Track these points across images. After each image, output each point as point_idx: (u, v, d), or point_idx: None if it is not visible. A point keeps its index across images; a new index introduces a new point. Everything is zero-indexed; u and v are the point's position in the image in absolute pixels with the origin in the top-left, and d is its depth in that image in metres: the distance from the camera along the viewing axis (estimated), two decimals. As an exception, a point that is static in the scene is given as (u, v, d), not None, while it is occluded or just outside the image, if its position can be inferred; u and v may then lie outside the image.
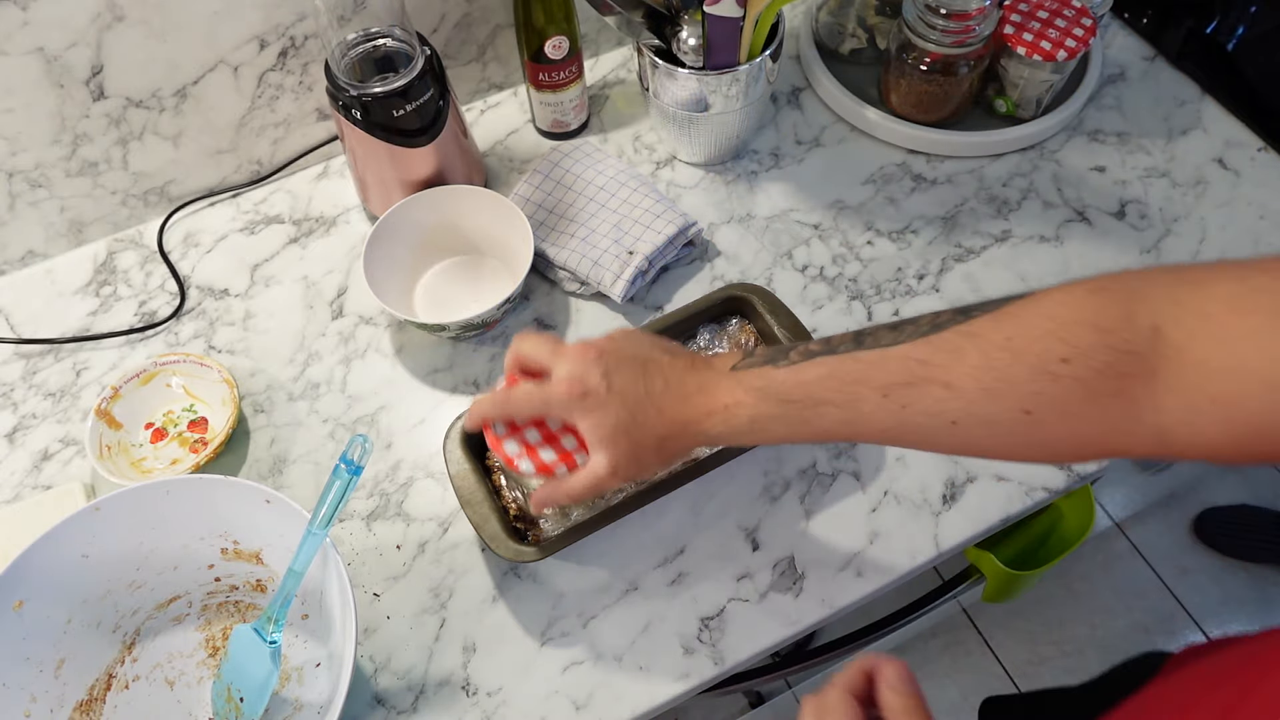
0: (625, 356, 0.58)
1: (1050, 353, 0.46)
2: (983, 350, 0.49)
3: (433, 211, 0.85)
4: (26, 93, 0.80)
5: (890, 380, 0.51)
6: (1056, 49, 0.89)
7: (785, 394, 0.54)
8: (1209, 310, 0.43)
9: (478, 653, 0.70)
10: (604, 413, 0.56)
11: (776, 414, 0.55)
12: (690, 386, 0.57)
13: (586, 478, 0.58)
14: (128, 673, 0.69)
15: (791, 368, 0.55)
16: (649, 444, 0.57)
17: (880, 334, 0.53)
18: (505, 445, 0.61)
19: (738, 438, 0.57)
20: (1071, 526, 0.92)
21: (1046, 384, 0.47)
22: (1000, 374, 0.48)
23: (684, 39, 0.85)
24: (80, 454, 0.81)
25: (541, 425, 0.61)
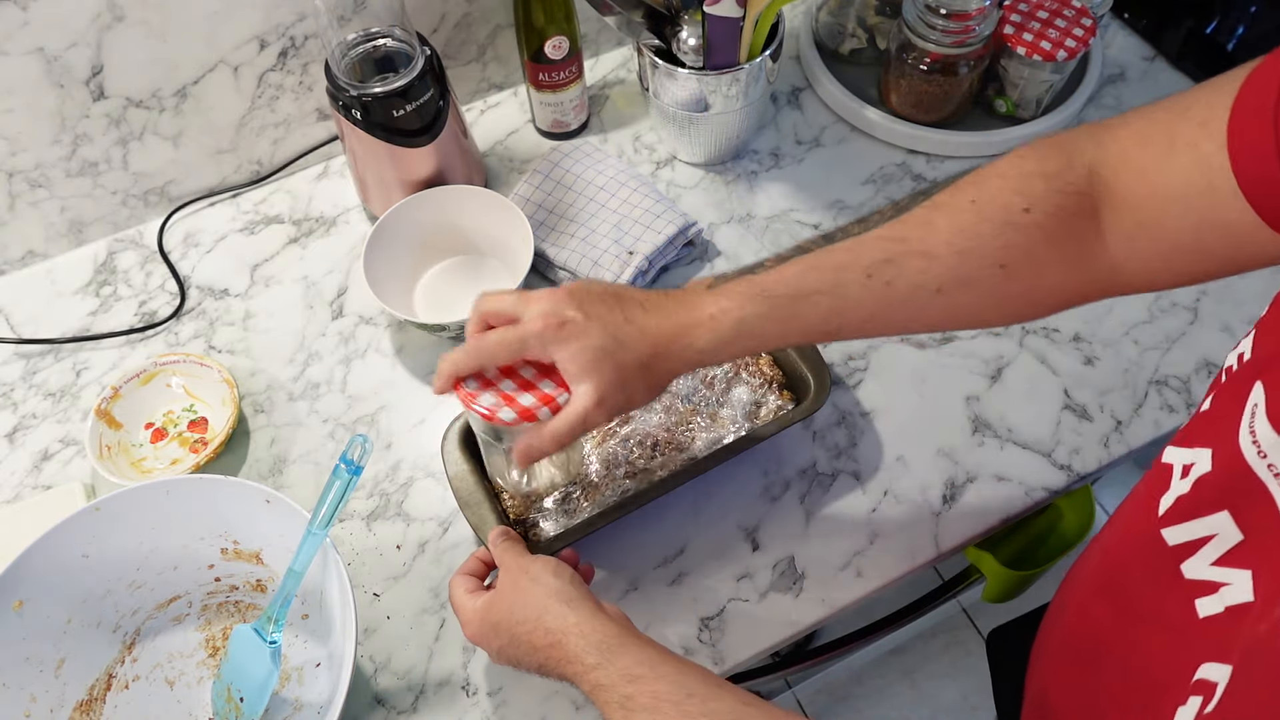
0: (595, 291, 0.56)
1: (1011, 205, 0.51)
2: (951, 216, 0.53)
3: (433, 211, 0.85)
4: (26, 93, 0.80)
5: (871, 260, 0.53)
6: (1056, 49, 0.89)
7: (771, 290, 0.54)
8: (1125, 147, 0.49)
9: (478, 653, 0.70)
10: (584, 340, 0.54)
11: (764, 312, 0.54)
12: (670, 305, 0.56)
13: (571, 414, 0.55)
14: (128, 673, 0.69)
15: (770, 270, 0.55)
16: (634, 367, 0.55)
17: (849, 229, 0.57)
18: (480, 399, 0.56)
19: (725, 347, 0.55)
20: (1071, 526, 0.91)
21: (1013, 235, 0.51)
22: (971, 233, 0.52)
23: (684, 39, 0.85)
24: (80, 454, 0.81)
25: (514, 374, 0.57)
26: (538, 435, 0.56)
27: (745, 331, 0.54)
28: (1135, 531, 0.49)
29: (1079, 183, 0.50)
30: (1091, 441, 0.78)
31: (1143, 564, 0.48)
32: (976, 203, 0.52)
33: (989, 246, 0.51)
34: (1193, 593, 0.43)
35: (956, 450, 0.77)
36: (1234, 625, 0.40)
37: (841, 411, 0.80)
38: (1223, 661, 0.40)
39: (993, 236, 0.51)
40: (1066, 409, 0.79)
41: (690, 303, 0.55)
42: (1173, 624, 0.45)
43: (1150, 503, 0.47)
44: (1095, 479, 0.79)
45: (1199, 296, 0.85)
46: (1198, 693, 0.41)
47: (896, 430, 0.79)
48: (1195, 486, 0.44)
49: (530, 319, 0.55)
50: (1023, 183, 0.51)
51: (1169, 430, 0.78)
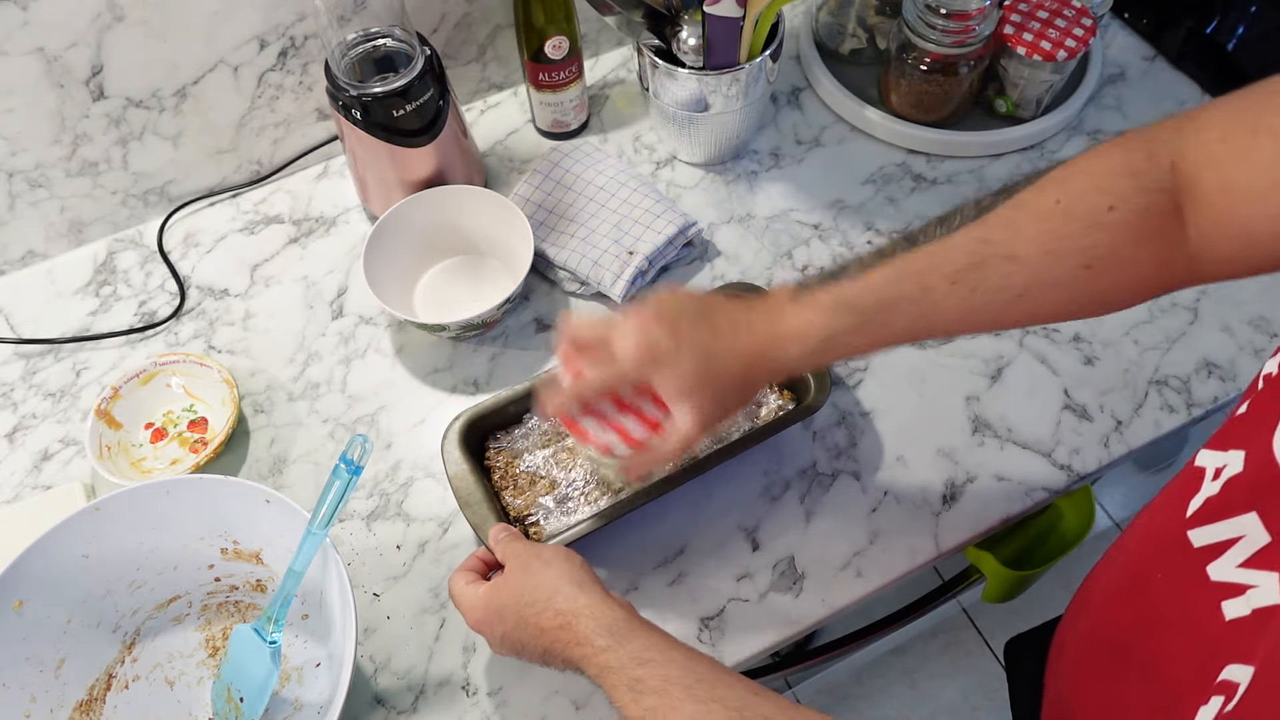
0: (682, 310, 0.57)
1: (1098, 205, 0.50)
2: (1036, 217, 0.52)
3: (433, 211, 0.85)
4: (26, 93, 0.80)
5: (956, 265, 0.53)
6: (1056, 49, 0.89)
7: (855, 303, 0.54)
8: (1206, 140, 0.48)
9: (478, 653, 0.70)
10: (679, 367, 0.55)
11: (851, 324, 0.55)
12: (756, 320, 0.57)
13: (678, 438, 0.57)
14: (128, 673, 0.69)
15: (856, 280, 0.55)
16: (729, 386, 0.57)
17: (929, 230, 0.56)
18: (595, 436, 0.61)
19: (813, 359, 0.56)
20: (1071, 526, 0.91)
21: (1099, 235, 0.50)
22: (1057, 235, 0.51)
23: (684, 39, 0.85)
24: (80, 454, 0.81)
25: (615, 397, 0.61)
26: (648, 456, 0.59)
27: (833, 344, 0.55)
28: (1161, 534, 0.48)
29: (1162, 179, 0.50)
30: (1091, 441, 0.78)
31: (1167, 566, 0.47)
32: (1061, 203, 0.52)
33: (1075, 248, 0.51)
34: (1219, 595, 0.42)
35: (956, 450, 0.77)
36: (1260, 627, 0.40)
37: (841, 411, 0.80)
38: (1247, 663, 0.40)
39: (1079, 238, 0.51)
40: (1066, 409, 0.79)
41: (776, 316, 0.56)
42: (1198, 626, 0.44)
43: (1179, 504, 0.47)
44: (1095, 479, 0.79)
45: (1199, 296, 0.85)
46: (1220, 693, 0.41)
47: (896, 430, 0.79)
48: (1225, 488, 0.44)
49: (624, 351, 0.56)
50: (1108, 181, 0.51)
51: (1169, 430, 0.78)
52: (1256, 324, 0.83)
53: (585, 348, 0.60)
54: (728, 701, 0.48)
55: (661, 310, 0.57)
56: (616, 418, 0.61)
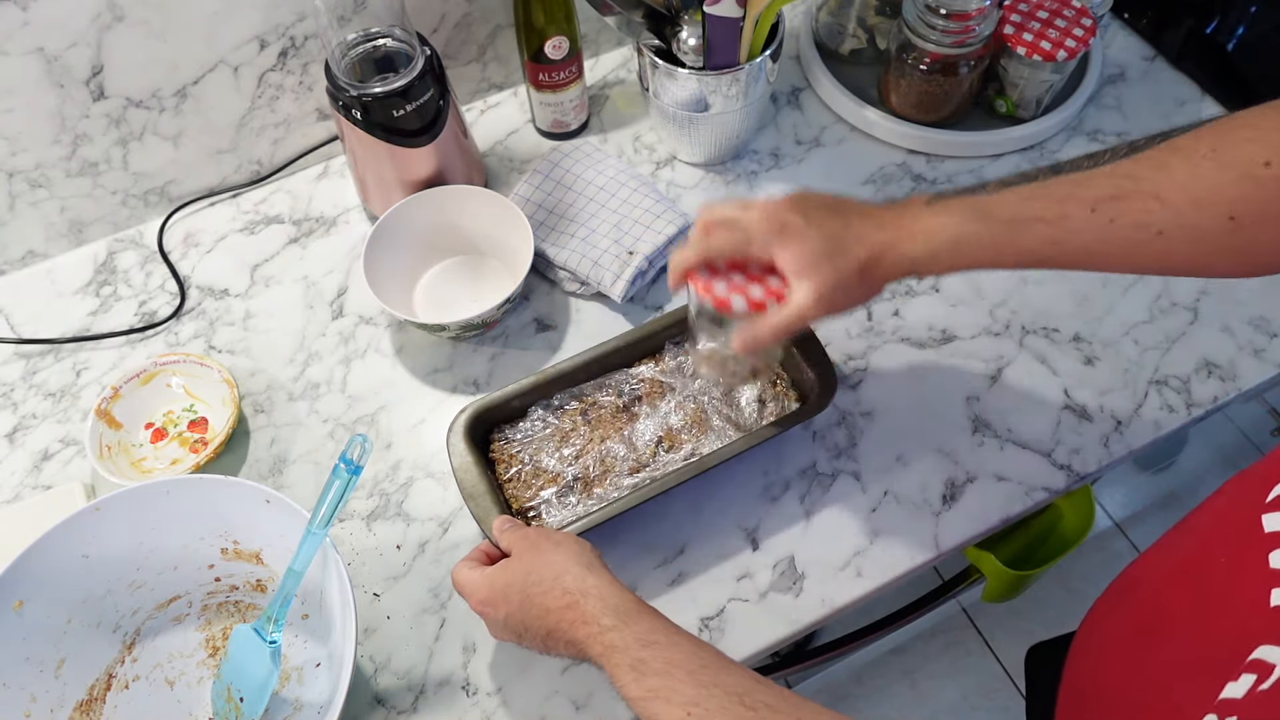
0: (815, 200, 0.59)
1: (1254, 157, 0.49)
2: (1189, 162, 0.51)
3: (433, 211, 0.85)
4: (26, 93, 0.80)
5: (1098, 195, 0.53)
6: (1056, 49, 0.89)
7: (992, 211, 0.55)
8: None
9: (478, 653, 0.70)
10: (804, 242, 0.56)
11: (982, 231, 0.55)
12: (888, 216, 0.58)
13: (791, 309, 0.57)
14: (128, 673, 0.69)
15: (994, 193, 0.55)
16: (851, 269, 0.57)
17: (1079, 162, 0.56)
18: (715, 286, 0.60)
19: (939, 258, 0.56)
20: (1071, 526, 0.92)
21: (1250, 188, 0.49)
22: (1208, 182, 0.50)
23: (684, 39, 0.85)
24: (80, 454, 0.81)
25: (742, 268, 0.61)
26: (761, 324, 0.59)
27: (961, 247, 0.55)
28: (1235, 517, 0.48)
29: None
30: (1091, 441, 0.78)
31: (1234, 549, 0.47)
32: (1216, 151, 0.51)
33: (1223, 197, 0.50)
34: (1272, 582, 0.42)
35: (956, 450, 0.77)
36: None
37: (841, 411, 0.80)
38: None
39: (1228, 187, 0.50)
40: (1066, 409, 0.79)
41: (910, 215, 0.57)
42: (1242, 609, 0.44)
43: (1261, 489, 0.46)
44: (1095, 479, 0.79)
45: (1199, 297, 0.85)
46: (1252, 671, 0.40)
47: (896, 430, 0.79)
48: None
49: (753, 219, 0.58)
50: (1269, 135, 0.50)
51: (1169, 430, 0.78)
52: (1257, 324, 0.83)
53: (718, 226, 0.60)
54: (729, 687, 0.48)
55: (796, 197, 0.59)
56: (741, 284, 0.61)
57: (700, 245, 0.59)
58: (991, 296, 0.85)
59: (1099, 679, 0.59)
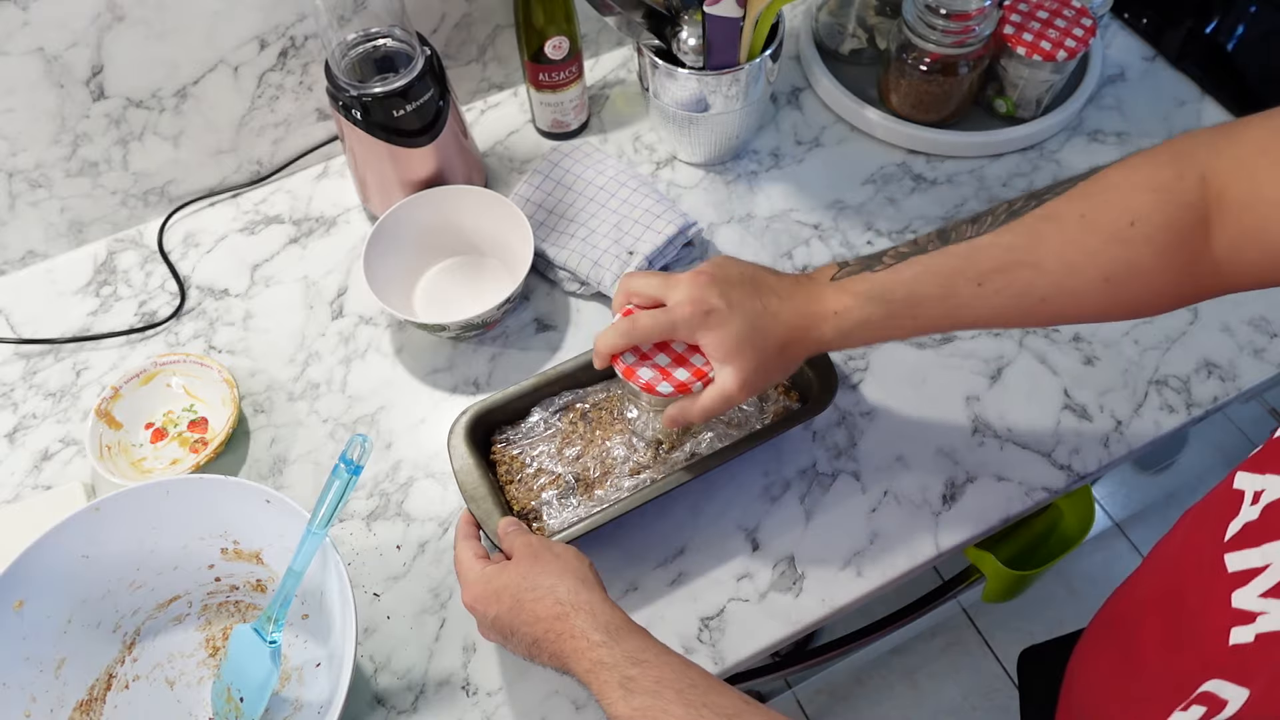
0: (735, 278, 0.61)
1: (1119, 220, 0.52)
2: (1062, 229, 0.54)
3: (433, 211, 0.85)
4: (26, 93, 0.80)
5: (982, 269, 0.56)
6: (1056, 49, 0.89)
7: (887, 294, 0.58)
8: (1241, 154, 0.50)
9: (478, 653, 0.70)
10: (727, 328, 0.59)
11: (881, 314, 0.58)
12: (800, 297, 0.60)
13: (716, 393, 0.60)
14: (128, 673, 0.69)
15: (888, 270, 0.58)
16: (772, 352, 0.60)
17: (962, 228, 0.58)
18: (640, 371, 0.63)
19: (849, 339, 0.60)
20: (1071, 526, 0.91)
21: (1119, 249, 0.53)
22: (1078, 247, 0.54)
23: (684, 39, 0.85)
24: (80, 454, 0.81)
25: (667, 348, 0.64)
26: (688, 407, 0.62)
27: (867, 328, 0.59)
28: (1199, 555, 0.49)
29: (1189, 193, 0.51)
30: (1091, 441, 0.78)
31: (1201, 588, 0.47)
32: (1085, 217, 0.54)
33: (1094, 261, 0.53)
34: (1232, 621, 0.43)
35: (956, 450, 0.77)
36: (1260, 652, 0.40)
37: (841, 411, 0.80)
38: (1239, 684, 0.40)
39: (1098, 251, 0.53)
40: (1066, 409, 0.79)
41: (818, 296, 0.60)
42: (1202, 645, 0.45)
43: (1218, 527, 0.47)
44: (1095, 479, 0.79)
45: (1199, 296, 0.85)
46: (1202, 703, 0.41)
47: (896, 430, 0.79)
48: (1264, 513, 0.44)
49: (678, 305, 0.60)
50: (1131, 196, 0.53)
51: (1169, 430, 0.78)
52: (1256, 324, 0.83)
53: (640, 301, 0.63)
54: (719, 708, 0.48)
55: (716, 274, 0.60)
56: (667, 365, 0.63)
57: (626, 332, 0.61)
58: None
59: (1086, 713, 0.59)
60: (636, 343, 0.63)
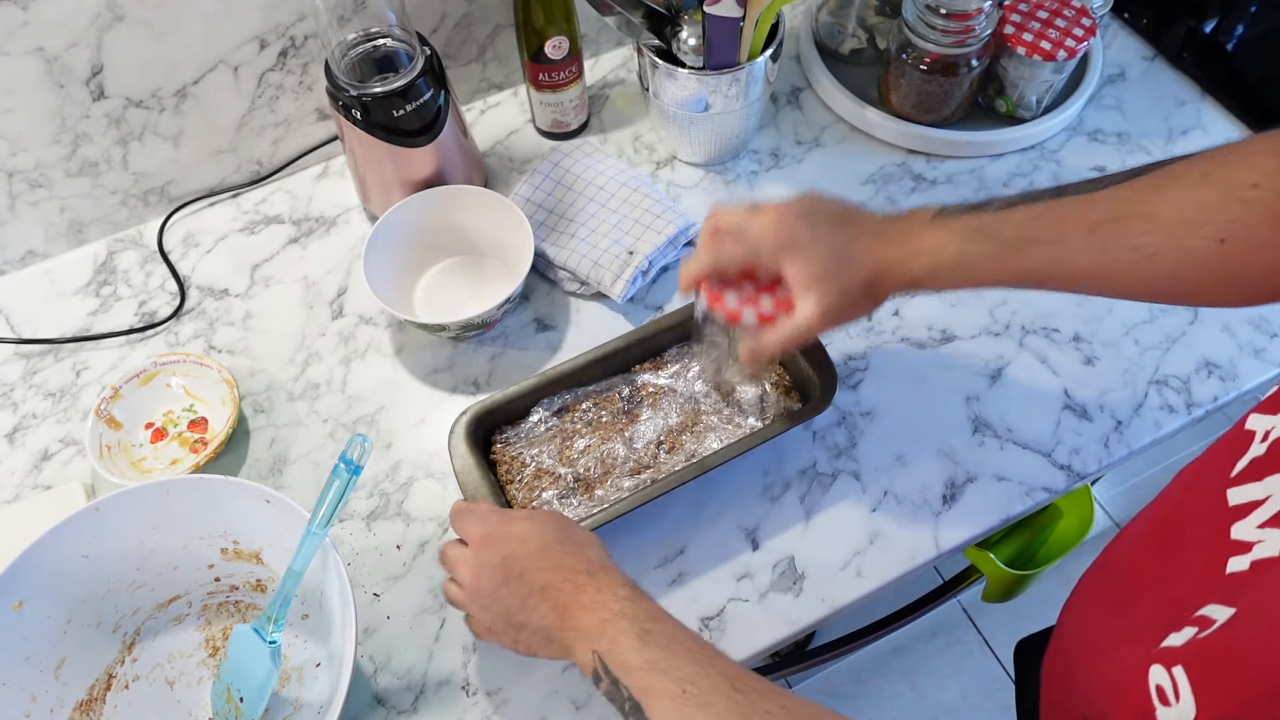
0: (823, 210, 0.60)
1: (1241, 180, 0.51)
2: (1180, 184, 0.53)
3: (433, 211, 0.85)
4: (26, 93, 0.80)
5: (1097, 217, 0.54)
6: (1056, 49, 0.89)
7: (994, 231, 0.56)
8: None
9: (478, 653, 0.70)
10: (810, 257, 0.58)
11: (984, 250, 0.56)
12: (893, 231, 0.59)
13: (798, 323, 0.59)
14: (128, 673, 0.69)
15: (996, 211, 0.57)
16: (856, 285, 0.58)
17: (1081, 185, 0.56)
18: (726, 298, 0.61)
19: (940, 275, 0.58)
20: (1071, 526, 0.92)
21: (1239, 210, 0.51)
22: (1196, 203, 0.52)
23: (684, 39, 0.85)
24: (80, 454, 0.81)
25: (752, 277, 0.62)
26: (768, 338, 0.60)
27: (963, 266, 0.57)
28: (1201, 491, 0.49)
29: None
30: (1091, 441, 0.78)
31: (1202, 523, 0.47)
32: (1209, 175, 0.53)
33: (1212, 219, 0.52)
34: (1229, 552, 0.43)
35: (956, 450, 0.77)
36: (1253, 578, 0.41)
37: (841, 411, 0.80)
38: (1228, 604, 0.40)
39: (1217, 209, 0.52)
40: (1066, 409, 0.79)
41: (915, 232, 0.58)
42: (1199, 574, 0.45)
43: (1225, 465, 0.47)
44: (1095, 479, 0.79)
45: (1199, 296, 0.85)
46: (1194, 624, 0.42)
47: (896, 430, 0.79)
48: (1271, 448, 0.44)
49: (762, 230, 0.59)
50: (1258, 161, 0.52)
51: (1169, 430, 0.78)
52: (1257, 324, 0.83)
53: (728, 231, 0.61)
54: (723, 671, 0.50)
55: (804, 206, 0.59)
56: (751, 295, 0.62)
57: (710, 254, 0.60)
58: (991, 296, 0.85)
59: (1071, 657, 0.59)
60: (722, 267, 0.61)
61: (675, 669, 0.49)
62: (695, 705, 0.48)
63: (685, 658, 0.50)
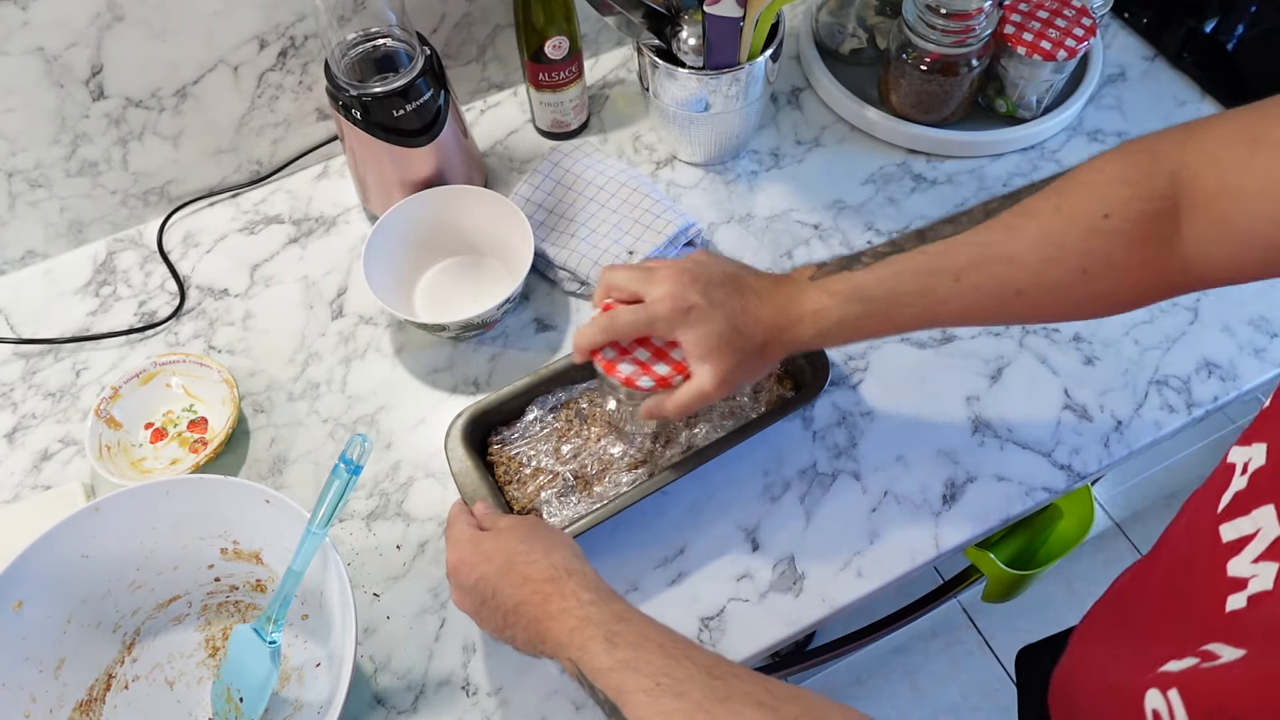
0: (716, 276, 0.61)
1: (1094, 212, 0.54)
2: (1038, 223, 0.55)
3: (433, 211, 0.85)
4: (26, 93, 0.80)
5: (959, 265, 0.57)
6: (1056, 49, 0.89)
7: (867, 293, 0.59)
8: (1208, 148, 0.51)
9: (478, 653, 0.70)
10: (708, 325, 0.59)
11: (861, 312, 0.59)
12: (780, 297, 0.61)
13: (693, 390, 0.61)
14: (128, 673, 0.69)
15: (867, 269, 0.59)
16: (751, 351, 0.60)
17: (940, 228, 0.58)
18: (619, 367, 0.63)
19: (828, 338, 0.61)
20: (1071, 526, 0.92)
21: (1095, 241, 0.53)
22: (1055, 240, 0.55)
23: (684, 39, 0.85)
24: (80, 454, 0.81)
25: (647, 343, 0.64)
26: (666, 403, 0.62)
27: (844, 327, 0.60)
28: (1198, 528, 0.49)
29: (1161, 186, 0.52)
30: (1091, 441, 0.78)
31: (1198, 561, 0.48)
32: (1061, 210, 0.55)
33: (1071, 252, 0.54)
34: (1228, 589, 0.43)
35: (956, 450, 0.77)
36: (1252, 613, 0.41)
37: (841, 411, 0.80)
38: (1237, 646, 0.40)
39: (1075, 243, 0.54)
40: (1066, 409, 0.79)
41: (797, 296, 0.61)
42: (1200, 613, 0.45)
43: (1213, 501, 0.48)
44: (1095, 479, 0.79)
45: (1199, 296, 0.85)
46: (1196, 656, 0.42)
47: (896, 430, 0.79)
48: (1251, 481, 0.45)
49: (658, 301, 0.60)
50: (1106, 189, 0.54)
51: (1169, 430, 0.78)
52: (1256, 324, 0.83)
53: (620, 295, 0.63)
54: (698, 660, 0.50)
55: (698, 271, 0.61)
56: (647, 360, 0.63)
57: (604, 327, 0.62)
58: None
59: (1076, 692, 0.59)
60: (616, 338, 0.63)
61: (646, 664, 0.50)
62: (670, 695, 0.48)
63: (656, 652, 0.50)
